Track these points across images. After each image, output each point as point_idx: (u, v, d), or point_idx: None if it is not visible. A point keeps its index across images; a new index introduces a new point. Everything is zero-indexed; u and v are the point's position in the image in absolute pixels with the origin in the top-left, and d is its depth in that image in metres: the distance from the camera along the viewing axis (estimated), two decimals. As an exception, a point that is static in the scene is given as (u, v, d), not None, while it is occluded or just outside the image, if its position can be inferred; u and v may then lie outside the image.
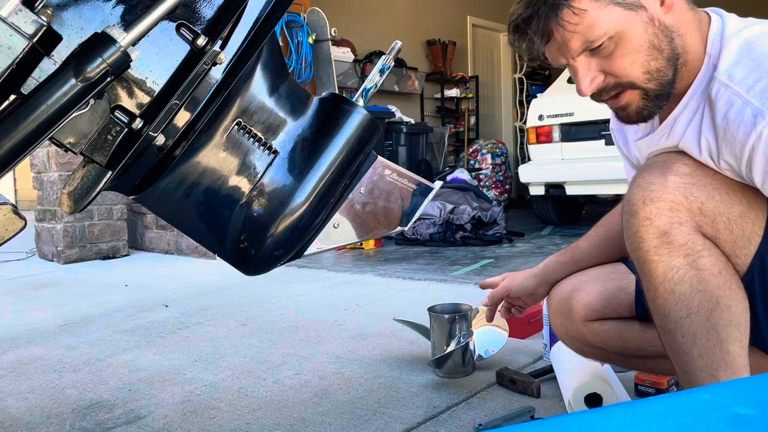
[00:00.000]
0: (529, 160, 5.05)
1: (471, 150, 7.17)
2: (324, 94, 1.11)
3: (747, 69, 0.91)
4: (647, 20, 0.92)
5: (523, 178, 5.06)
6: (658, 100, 0.97)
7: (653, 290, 0.99)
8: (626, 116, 1.00)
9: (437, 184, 1.17)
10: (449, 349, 1.68)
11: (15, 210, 0.78)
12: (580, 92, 0.97)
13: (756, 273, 0.96)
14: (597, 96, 0.99)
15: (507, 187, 7.04)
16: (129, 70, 0.86)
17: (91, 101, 0.82)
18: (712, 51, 0.95)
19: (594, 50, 0.93)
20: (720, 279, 0.94)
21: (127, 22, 0.82)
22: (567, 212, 5.40)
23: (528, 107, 5.15)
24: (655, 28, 0.93)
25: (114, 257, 4.35)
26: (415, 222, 1.66)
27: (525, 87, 8.36)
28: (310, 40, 5.16)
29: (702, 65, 0.96)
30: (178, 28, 0.88)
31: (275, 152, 1.06)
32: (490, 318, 1.45)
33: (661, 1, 0.94)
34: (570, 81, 5.03)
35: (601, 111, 5.09)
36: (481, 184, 6.77)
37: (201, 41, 0.88)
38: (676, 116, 1.00)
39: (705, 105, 0.96)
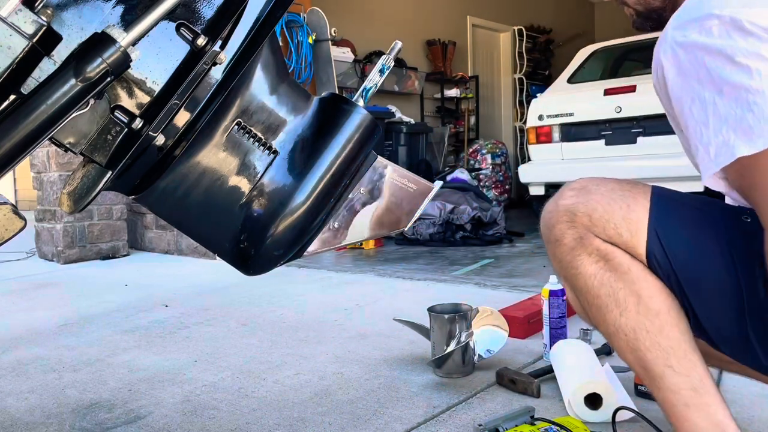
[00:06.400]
0: (529, 160, 5.05)
1: (471, 150, 7.17)
2: (324, 94, 1.11)
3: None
4: None
5: (523, 178, 5.05)
6: (644, 20, 1.11)
7: (584, 301, 1.06)
8: (632, 23, 1.15)
9: (437, 184, 1.18)
10: (449, 349, 1.68)
11: (15, 210, 0.78)
12: None
13: (656, 268, 1.00)
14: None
15: (507, 187, 7.04)
16: (129, 70, 0.86)
17: (91, 101, 0.82)
18: None
19: None
20: (632, 275, 1.00)
21: (127, 22, 0.82)
22: (567, 212, 5.38)
23: (528, 107, 5.15)
24: None
25: (114, 257, 4.35)
26: (415, 222, 1.66)
27: (525, 87, 8.36)
28: (310, 40, 5.16)
29: None
30: (178, 28, 0.88)
31: (275, 152, 1.06)
32: None
33: None
34: (570, 81, 5.03)
35: (601, 111, 5.07)
36: (481, 184, 6.76)
37: (201, 41, 0.88)
38: None
39: None
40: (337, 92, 1.22)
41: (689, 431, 0.97)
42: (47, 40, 0.76)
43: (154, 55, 0.88)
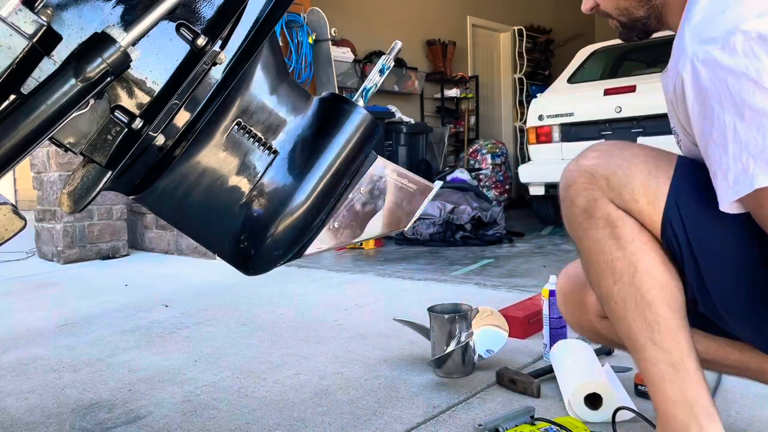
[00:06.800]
0: (529, 160, 5.05)
1: (471, 150, 7.17)
2: (324, 94, 1.11)
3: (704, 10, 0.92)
4: None
5: (523, 178, 5.05)
6: (629, 30, 1.12)
7: (585, 263, 1.07)
8: (618, 35, 1.17)
9: (437, 184, 1.18)
10: (449, 349, 1.68)
11: (15, 210, 0.78)
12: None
13: (670, 237, 0.98)
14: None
15: (507, 187, 7.04)
16: (129, 70, 0.86)
17: (91, 101, 0.82)
18: None
19: None
20: (634, 246, 1.00)
21: (127, 22, 0.82)
22: (567, 212, 5.38)
23: (528, 107, 5.15)
24: None
25: (114, 257, 4.35)
26: (415, 222, 1.66)
27: (525, 87, 8.36)
28: (310, 40, 5.16)
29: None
30: (178, 28, 0.88)
31: (275, 152, 1.06)
32: None
33: None
34: (570, 81, 5.04)
35: (601, 111, 5.06)
36: (481, 184, 6.76)
37: (201, 41, 0.88)
38: None
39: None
40: (337, 92, 1.22)
41: (660, 402, 0.99)
42: (47, 40, 0.76)
43: (154, 55, 0.88)
